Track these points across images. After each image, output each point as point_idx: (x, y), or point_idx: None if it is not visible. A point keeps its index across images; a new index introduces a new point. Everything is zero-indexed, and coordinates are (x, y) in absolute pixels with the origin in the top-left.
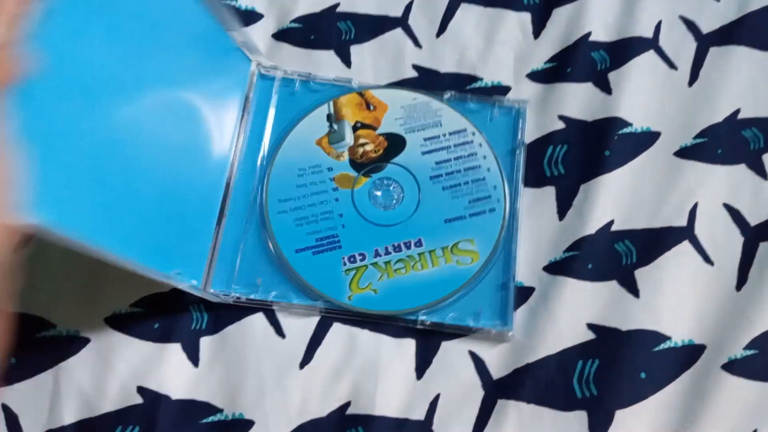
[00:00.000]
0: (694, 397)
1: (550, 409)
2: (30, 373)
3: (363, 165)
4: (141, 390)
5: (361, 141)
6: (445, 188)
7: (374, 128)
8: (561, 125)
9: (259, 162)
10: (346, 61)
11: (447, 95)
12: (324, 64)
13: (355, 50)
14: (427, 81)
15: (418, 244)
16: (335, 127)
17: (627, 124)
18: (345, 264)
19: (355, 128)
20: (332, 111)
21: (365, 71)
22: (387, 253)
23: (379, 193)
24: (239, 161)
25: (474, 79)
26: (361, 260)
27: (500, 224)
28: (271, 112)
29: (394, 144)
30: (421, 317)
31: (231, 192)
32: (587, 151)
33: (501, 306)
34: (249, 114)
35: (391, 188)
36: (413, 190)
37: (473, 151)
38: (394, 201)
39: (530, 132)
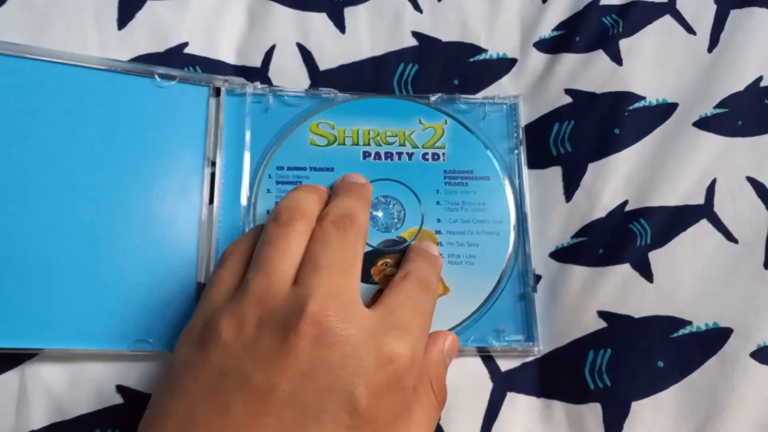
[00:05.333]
0: (719, 387)
1: (562, 402)
2: None
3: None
4: (120, 389)
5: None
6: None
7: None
8: (568, 99)
9: (244, 202)
10: (340, 25)
11: (434, 98)
12: (315, 27)
13: (349, 13)
14: (427, 51)
15: None
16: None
17: (639, 98)
18: None
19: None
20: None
21: (361, 38)
22: None
23: (379, 214)
24: (220, 208)
25: (478, 50)
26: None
27: (510, 233)
28: (248, 136)
29: None
30: None
31: (214, 245)
32: (596, 127)
33: (523, 319)
34: (220, 149)
35: (391, 205)
36: (413, 204)
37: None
38: (396, 219)
39: (535, 108)
